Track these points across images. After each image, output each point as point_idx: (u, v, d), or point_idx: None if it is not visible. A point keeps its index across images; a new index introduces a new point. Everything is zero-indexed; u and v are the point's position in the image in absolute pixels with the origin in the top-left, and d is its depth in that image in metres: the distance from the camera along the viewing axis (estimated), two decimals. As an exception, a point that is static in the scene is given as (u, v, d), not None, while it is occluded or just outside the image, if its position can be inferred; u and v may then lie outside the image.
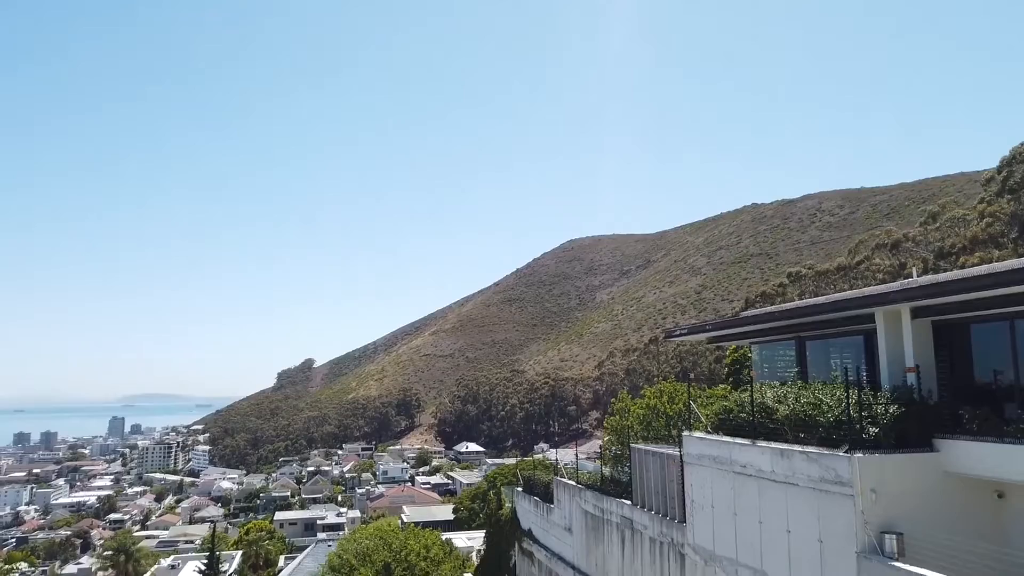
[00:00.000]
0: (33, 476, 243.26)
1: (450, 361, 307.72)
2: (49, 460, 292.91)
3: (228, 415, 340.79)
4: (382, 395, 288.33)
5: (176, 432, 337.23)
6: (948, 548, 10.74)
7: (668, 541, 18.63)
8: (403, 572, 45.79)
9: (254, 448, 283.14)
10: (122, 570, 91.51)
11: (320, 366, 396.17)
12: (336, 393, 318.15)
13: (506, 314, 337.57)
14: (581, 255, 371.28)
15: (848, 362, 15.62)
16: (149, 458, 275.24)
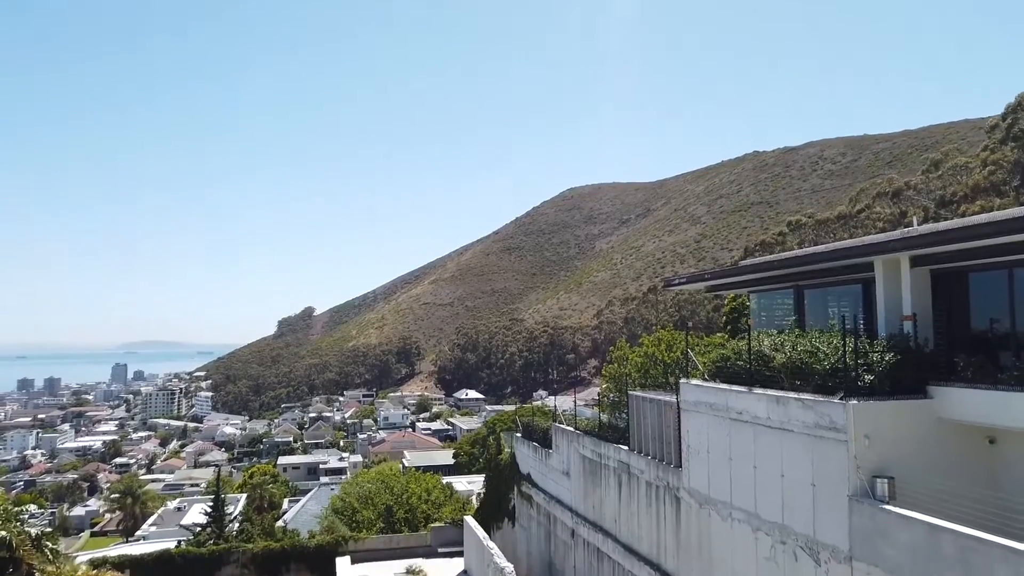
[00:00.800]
0: (38, 421, 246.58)
1: (449, 310, 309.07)
2: (53, 406, 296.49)
3: (229, 362, 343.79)
4: (382, 343, 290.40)
5: (178, 379, 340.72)
6: (939, 492, 10.97)
7: (664, 485, 19.01)
8: (405, 514, 46.86)
9: (256, 394, 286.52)
10: (129, 512, 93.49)
11: (320, 314, 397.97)
12: (336, 341, 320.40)
13: (505, 263, 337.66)
14: (581, 204, 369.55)
15: (846, 311, 15.71)
16: (152, 404, 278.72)
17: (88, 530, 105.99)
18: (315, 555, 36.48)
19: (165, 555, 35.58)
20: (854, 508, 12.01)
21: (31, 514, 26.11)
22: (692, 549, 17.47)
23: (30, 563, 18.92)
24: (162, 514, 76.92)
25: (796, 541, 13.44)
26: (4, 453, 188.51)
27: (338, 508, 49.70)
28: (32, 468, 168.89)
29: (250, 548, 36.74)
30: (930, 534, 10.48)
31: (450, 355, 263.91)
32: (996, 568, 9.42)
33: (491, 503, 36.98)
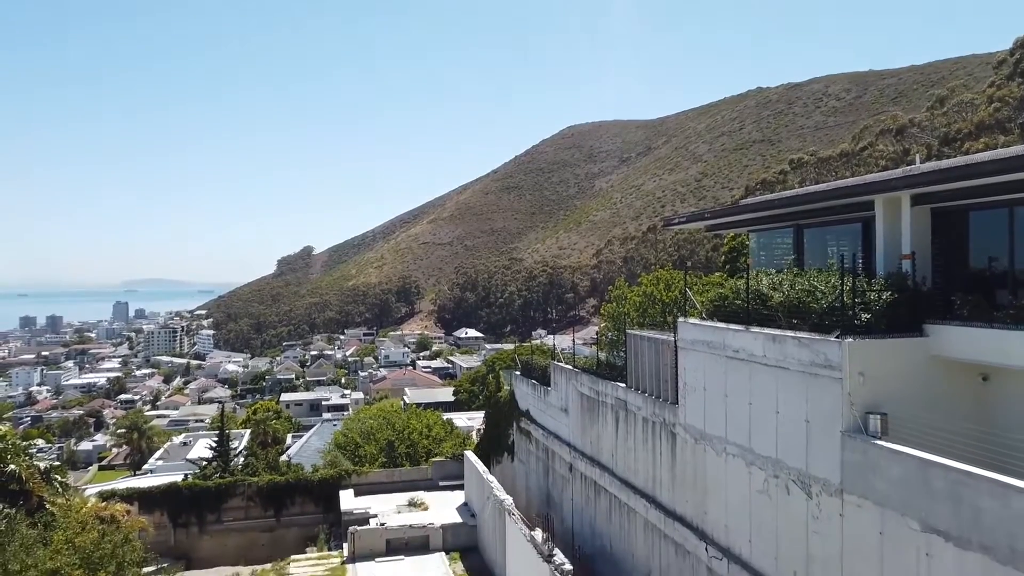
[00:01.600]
0: (42, 358, 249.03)
1: (449, 249, 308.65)
2: (56, 343, 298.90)
3: (230, 301, 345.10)
4: (382, 282, 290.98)
5: (180, 317, 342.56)
6: (932, 428, 11.17)
7: (660, 421, 19.34)
8: (406, 449, 47.75)
9: (257, 333, 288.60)
10: (136, 447, 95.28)
11: (320, 253, 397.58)
12: (336, 280, 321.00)
13: (504, 202, 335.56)
14: (581, 142, 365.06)
15: (845, 250, 15.70)
16: (155, 342, 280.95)
17: (96, 464, 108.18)
18: (319, 488, 37.34)
19: (173, 488, 36.40)
20: (847, 443, 12.25)
21: (39, 449, 26.71)
22: (687, 482, 17.89)
23: (40, 495, 19.39)
24: (168, 449, 78.31)
25: (789, 475, 13.75)
26: (10, 390, 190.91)
27: (341, 443, 50.57)
28: (38, 404, 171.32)
29: (255, 481, 37.57)
30: (920, 468, 10.71)
31: (449, 294, 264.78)
32: (983, 501, 9.67)
33: (491, 438, 37.68)
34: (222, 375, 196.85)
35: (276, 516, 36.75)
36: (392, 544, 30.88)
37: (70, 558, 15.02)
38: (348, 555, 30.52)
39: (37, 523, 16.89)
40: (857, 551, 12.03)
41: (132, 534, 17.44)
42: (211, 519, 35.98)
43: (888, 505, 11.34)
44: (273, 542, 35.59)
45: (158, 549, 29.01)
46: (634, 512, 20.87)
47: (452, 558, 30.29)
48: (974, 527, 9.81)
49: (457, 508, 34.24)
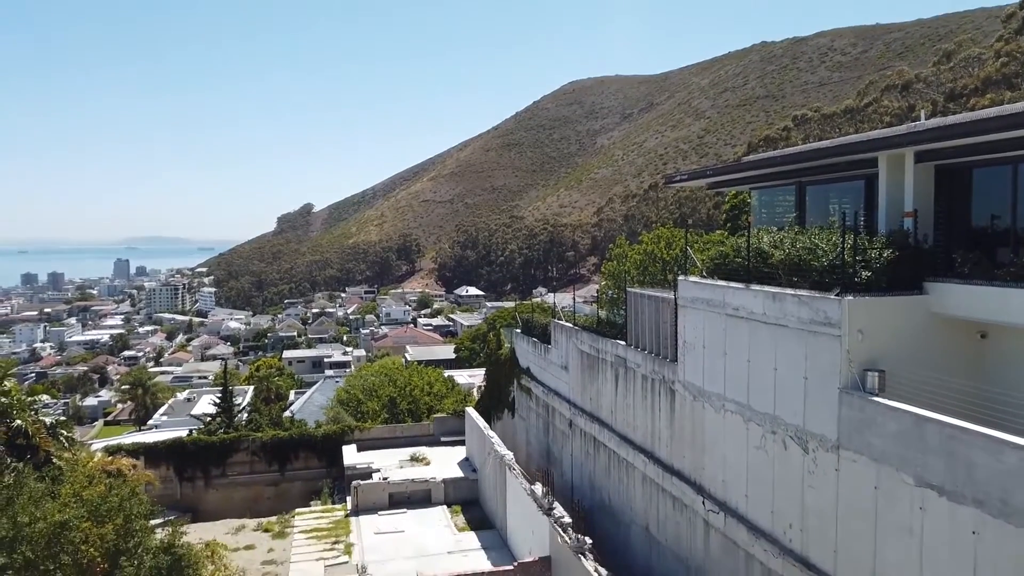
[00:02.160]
0: (45, 315, 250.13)
1: (449, 207, 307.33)
2: (59, 300, 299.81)
3: (231, 258, 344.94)
4: (382, 240, 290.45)
5: (181, 274, 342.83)
6: (929, 385, 11.27)
7: (660, 378, 19.50)
8: (408, 406, 48.27)
9: (258, 290, 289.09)
10: (140, 402, 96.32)
11: (320, 211, 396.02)
12: (337, 238, 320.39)
13: (505, 159, 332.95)
14: (582, 98, 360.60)
15: (847, 207, 15.65)
16: (156, 299, 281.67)
17: (101, 419, 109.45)
18: (322, 443, 37.85)
19: (178, 443, 36.91)
20: (844, 400, 12.37)
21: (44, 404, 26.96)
22: (685, 438, 18.12)
23: (47, 450, 19.65)
24: (172, 404, 79.19)
25: (786, 431, 13.92)
26: (13, 346, 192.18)
27: (343, 399, 51.07)
28: (42, 360, 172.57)
29: (259, 436, 38.06)
30: (916, 424, 10.84)
31: (450, 252, 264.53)
32: (977, 456, 9.81)
33: (491, 395, 38.04)
34: (224, 332, 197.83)
35: (280, 471, 37.33)
36: (395, 498, 31.44)
37: (78, 511, 15.28)
38: (352, 508, 31.08)
39: (44, 477, 17.16)
40: (852, 505, 12.24)
41: (138, 487, 17.71)
42: (216, 473, 36.57)
43: (883, 460, 11.50)
44: (278, 496, 36.21)
45: (164, 502, 29.55)
46: (633, 467, 21.18)
47: (454, 511, 30.85)
48: (967, 482, 9.96)
49: (458, 463, 34.76)
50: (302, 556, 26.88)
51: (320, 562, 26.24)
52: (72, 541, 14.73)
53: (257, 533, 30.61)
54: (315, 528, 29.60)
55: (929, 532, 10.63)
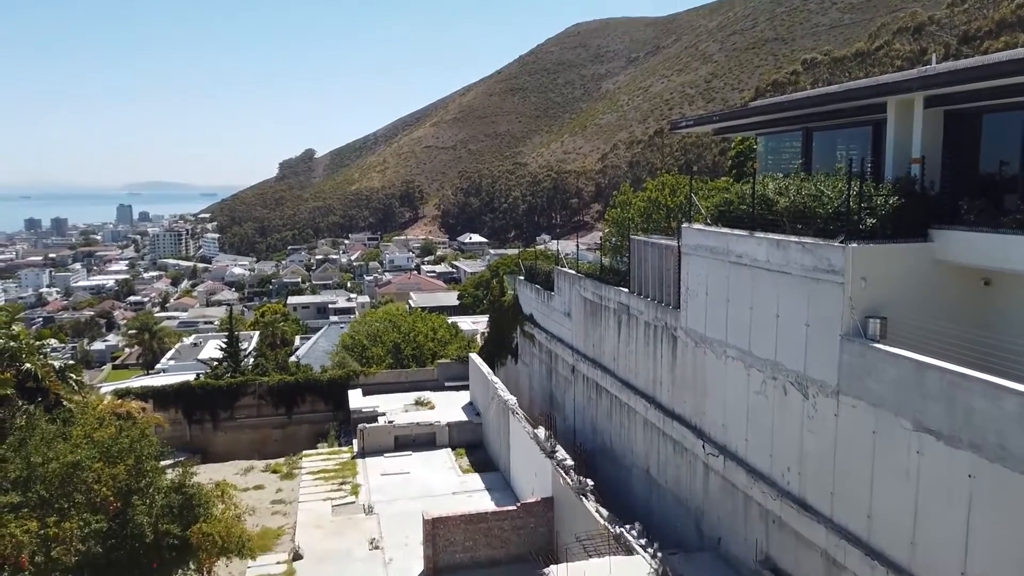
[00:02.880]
0: (49, 260, 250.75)
1: (452, 153, 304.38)
2: (63, 245, 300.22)
3: (233, 204, 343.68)
4: (385, 187, 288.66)
5: (184, 220, 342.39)
6: (930, 332, 11.33)
7: (662, 325, 19.62)
8: (412, 351, 48.69)
9: (262, 236, 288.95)
10: (147, 347, 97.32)
11: (321, 156, 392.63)
12: (339, 184, 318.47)
13: (508, 105, 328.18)
14: (587, 41, 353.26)
15: (854, 154, 15.48)
16: (160, 245, 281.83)
17: (109, 363, 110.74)
18: (328, 388, 38.35)
19: (186, 386, 37.42)
20: (845, 346, 12.46)
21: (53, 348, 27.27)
22: (686, 384, 18.32)
23: (57, 393, 19.95)
24: (179, 349, 79.97)
25: (787, 377, 14.06)
26: (20, 291, 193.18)
27: (348, 345, 51.50)
28: (49, 305, 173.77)
29: (266, 381, 38.56)
30: (916, 370, 10.94)
31: (453, 199, 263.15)
32: (976, 401, 9.92)
33: (495, 341, 38.34)
34: (229, 278, 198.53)
35: (287, 414, 37.93)
36: (400, 440, 32.00)
37: (90, 451, 15.60)
38: (358, 450, 31.68)
39: (56, 419, 17.46)
40: (850, 449, 12.44)
41: (148, 429, 18.02)
42: (224, 416, 37.18)
43: (882, 405, 11.64)
44: (285, 438, 36.87)
45: (174, 444, 30.09)
46: (634, 412, 21.48)
47: (458, 453, 31.43)
48: (965, 426, 10.10)
49: (462, 407, 35.26)
50: (310, 496, 27.52)
51: (328, 502, 26.87)
52: (85, 480, 15.09)
53: (265, 474, 31.26)
54: (322, 470, 30.23)
55: (925, 475, 10.83)
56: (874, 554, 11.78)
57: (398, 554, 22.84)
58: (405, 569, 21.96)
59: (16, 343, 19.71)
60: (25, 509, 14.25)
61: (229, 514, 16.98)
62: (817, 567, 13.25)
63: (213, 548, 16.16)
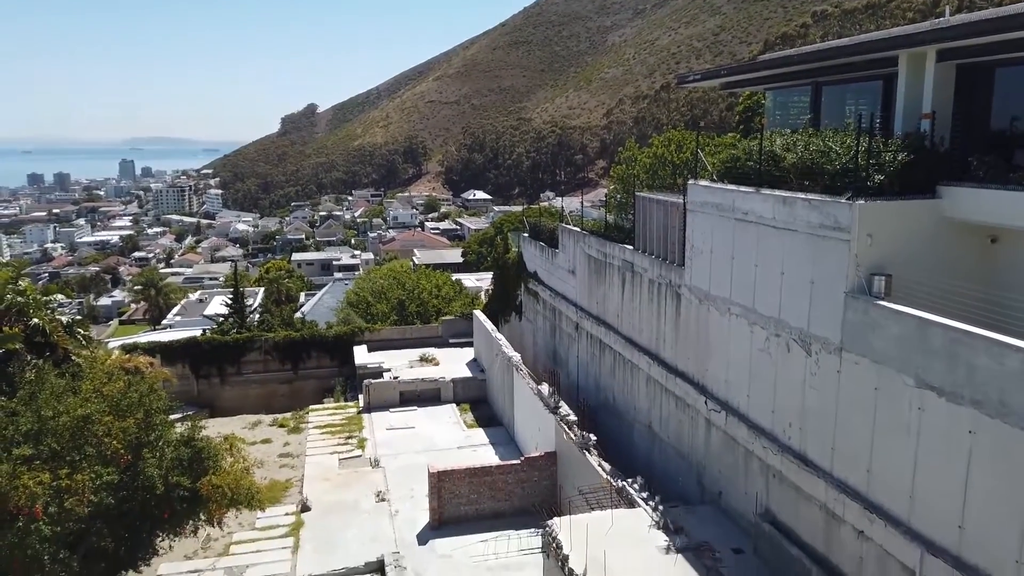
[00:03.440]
0: (53, 216, 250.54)
1: (455, 108, 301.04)
2: (66, 201, 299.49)
3: (236, 160, 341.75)
4: (388, 142, 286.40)
5: (187, 176, 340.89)
6: (935, 289, 11.32)
7: (666, 283, 19.63)
8: (416, 308, 48.89)
9: (265, 193, 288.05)
10: (153, 303, 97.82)
11: (324, 111, 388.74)
12: (342, 140, 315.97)
13: (512, 58, 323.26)
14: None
15: (864, 108, 15.27)
16: (163, 200, 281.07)
17: (116, 319, 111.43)
18: (334, 344, 38.63)
19: (192, 342, 37.72)
20: (849, 304, 12.47)
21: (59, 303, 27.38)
22: (690, 341, 18.40)
23: (65, 348, 20.09)
24: (185, 305, 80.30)
25: (790, 334, 14.11)
26: (25, 246, 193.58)
27: (353, 302, 51.72)
28: (54, 261, 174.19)
29: (272, 337, 38.83)
30: (919, 327, 10.96)
31: (457, 155, 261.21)
32: (979, 359, 9.96)
33: (499, 299, 38.44)
34: (233, 234, 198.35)
35: (293, 369, 38.29)
36: (405, 396, 32.35)
37: (99, 405, 15.79)
38: (364, 405, 32.05)
39: (64, 374, 17.61)
40: (851, 405, 12.54)
41: (156, 384, 18.19)
42: (231, 372, 37.55)
43: (885, 362, 11.70)
44: (292, 393, 37.28)
45: (182, 398, 30.38)
46: (637, 368, 21.62)
47: (463, 408, 31.78)
48: (967, 383, 10.16)
49: (467, 364, 35.53)
50: (317, 450, 27.94)
51: (335, 455, 27.29)
52: (95, 434, 15.29)
53: (273, 428, 31.69)
54: (329, 424, 30.64)
55: (926, 431, 10.93)
56: (873, 508, 11.97)
57: (404, 506, 23.26)
58: (411, 520, 22.40)
59: (23, 298, 19.76)
60: (37, 461, 14.48)
61: (238, 467, 17.24)
62: (816, 520, 13.47)
63: (223, 500, 16.46)
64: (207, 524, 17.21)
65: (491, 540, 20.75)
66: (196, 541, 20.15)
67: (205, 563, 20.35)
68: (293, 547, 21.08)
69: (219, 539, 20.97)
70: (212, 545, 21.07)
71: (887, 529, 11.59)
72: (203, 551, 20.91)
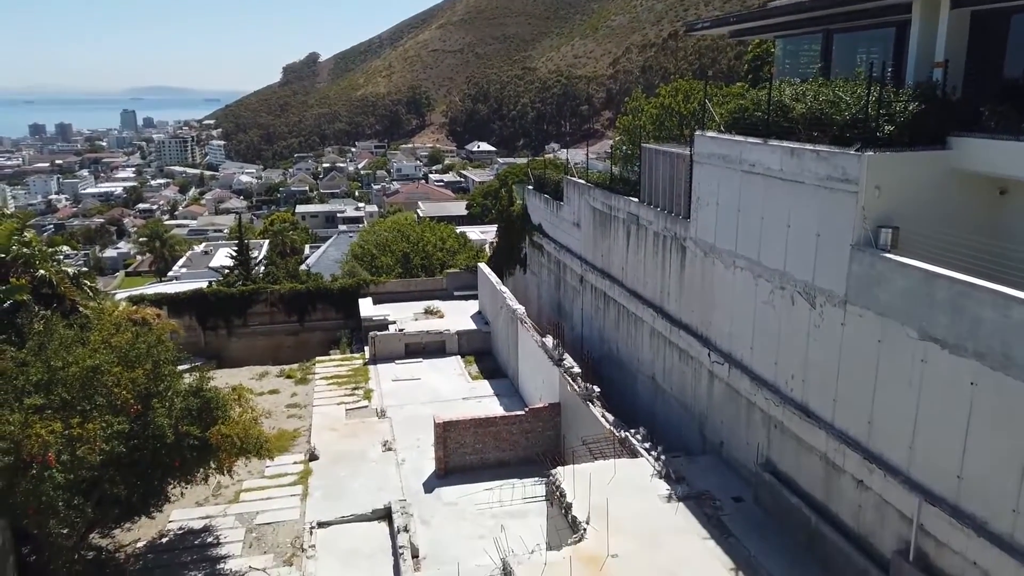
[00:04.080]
0: (56, 167, 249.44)
1: (459, 57, 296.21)
2: (69, 151, 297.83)
3: (238, 110, 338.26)
4: (391, 92, 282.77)
5: (189, 127, 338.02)
6: (943, 242, 11.26)
7: (671, 235, 19.56)
8: (421, 261, 48.95)
9: (268, 144, 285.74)
10: (158, 255, 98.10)
11: (325, 61, 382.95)
12: (344, 90, 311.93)
13: (517, 5, 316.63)
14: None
15: (875, 57, 14.98)
16: (166, 151, 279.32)
17: (122, 270, 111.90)
18: (339, 296, 38.76)
19: (199, 293, 37.89)
20: (855, 256, 12.43)
21: (65, 255, 27.39)
22: (694, 294, 18.42)
23: (72, 299, 20.19)
24: (191, 257, 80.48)
25: (795, 287, 14.11)
26: (29, 198, 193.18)
27: (357, 254, 51.76)
28: (58, 212, 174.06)
29: (278, 289, 38.97)
30: (924, 280, 10.95)
31: (461, 106, 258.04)
32: (984, 311, 9.96)
33: (503, 251, 38.40)
34: (236, 186, 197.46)
35: (299, 321, 38.53)
36: (410, 348, 32.61)
37: (108, 356, 15.94)
38: (369, 357, 32.36)
39: (72, 325, 17.73)
40: (854, 357, 12.60)
41: (164, 335, 18.33)
42: (238, 323, 37.80)
43: (889, 315, 11.71)
44: (298, 345, 37.56)
45: (190, 350, 30.66)
46: (641, 321, 21.70)
47: (467, 360, 32.06)
48: (971, 335, 10.18)
49: (471, 316, 35.70)
50: (324, 400, 28.30)
51: (341, 406, 27.65)
52: (105, 384, 15.48)
53: (280, 379, 32.03)
54: (335, 375, 30.96)
55: (928, 383, 11.00)
56: (873, 458, 12.13)
57: (410, 455, 23.64)
58: (417, 469, 22.78)
59: (29, 249, 19.80)
60: (49, 411, 14.70)
61: (246, 417, 17.47)
62: (816, 470, 13.66)
63: (232, 449, 16.72)
64: (217, 472, 17.53)
65: (496, 488, 21.13)
66: (207, 488, 20.57)
67: (216, 509, 20.81)
68: (302, 494, 21.51)
69: (229, 486, 21.38)
70: (223, 492, 21.51)
71: (886, 479, 11.76)
72: (214, 498, 21.36)
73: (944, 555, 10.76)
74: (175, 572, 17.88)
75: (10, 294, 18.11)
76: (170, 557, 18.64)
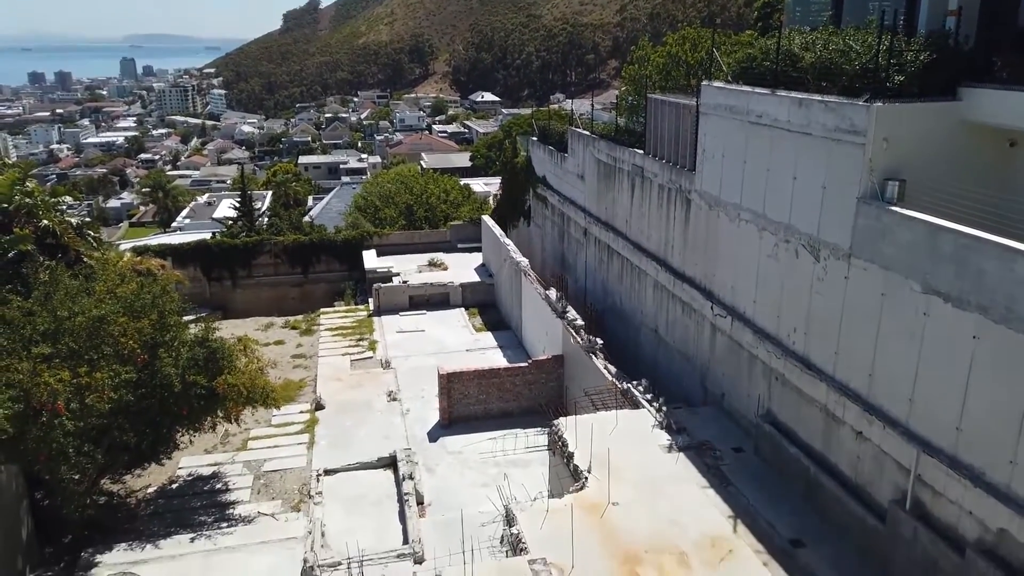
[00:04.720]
0: (57, 116, 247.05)
1: (463, 4, 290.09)
2: (69, 100, 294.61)
3: (238, 58, 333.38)
4: (393, 41, 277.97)
5: (189, 75, 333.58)
6: (950, 195, 11.17)
7: (676, 188, 19.43)
8: (424, 213, 48.77)
9: (269, 93, 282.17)
10: (161, 205, 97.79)
11: (326, 7, 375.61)
12: (346, 38, 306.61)
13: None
14: None
15: (888, 5, 14.65)
16: (167, 101, 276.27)
17: (126, 221, 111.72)
18: (343, 248, 38.80)
19: (203, 244, 37.94)
20: (861, 209, 12.35)
21: (68, 206, 27.27)
22: (698, 247, 18.38)
23: (77, 249, 20.22)
24: (194, 208, 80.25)
25: (799, 240, 14.06)
26: (30, 147, 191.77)
27: (361, 206, 51.56)
28: (60, 162, 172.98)
29: (281, 240, 38.98)
30: (930, 233, 10.90)
31: (464, 55, 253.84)
32: (988, 264, 9.94)
33: (507, 204, 38.22)
34: (238, 136, 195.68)
35: (304, 273, 38.65)
36: (415, 300, 32.73)
37: (114, 306, 16.04)
38: (374, 309, 32.50)
39: (78, 275, 17.78)
40: (857, 310, 12.63)
41: (169, 286, 18.41)
42: (242, 274, 37.93)
43: (893, 268, 11.69)
44: (302, 296, 37.74)
45: (195, 300, 30.93)
46: (645, 274, 21.70)
47: (471, 312, 32.19)
48: (974, 289, 10.18)
49: (475, 268, 35.73)
50: (329, 351, 28.53)
51: (346, 357, 27.89)
52: (111, 334, 15.61)
53: (285, 330, 32.26)
54: (340, 326, 31.15)
55: (930, 336, 11.04)
56: (872, 409, 12.24)
57: (415, 405, 23.93)
58: (421, 418, 23.09)
59: (32, 199, 19.75)
60: (56, 360, 14.86)
61: (252, 367, 17.66)
62: (816, 421, 13.82)
63: (239, 398, 16.95)
64: (225, 421, 17.81)
65: (499, 438, 21.42)
66: (215, 436, 20.94)
67: (224, 457, 21.19)
68: (308, 443, 21.86)
69: (237, 435, 21.75)
70: (231, 440, 21.88)
71: (885, 430, 11.90)
72: (222, 446, 21.73)
73: (940, 504, 10.95)
74: (186, 516, 18.29)
75: (14, 244, 18.15)
76: (180, 502, 19.05)
